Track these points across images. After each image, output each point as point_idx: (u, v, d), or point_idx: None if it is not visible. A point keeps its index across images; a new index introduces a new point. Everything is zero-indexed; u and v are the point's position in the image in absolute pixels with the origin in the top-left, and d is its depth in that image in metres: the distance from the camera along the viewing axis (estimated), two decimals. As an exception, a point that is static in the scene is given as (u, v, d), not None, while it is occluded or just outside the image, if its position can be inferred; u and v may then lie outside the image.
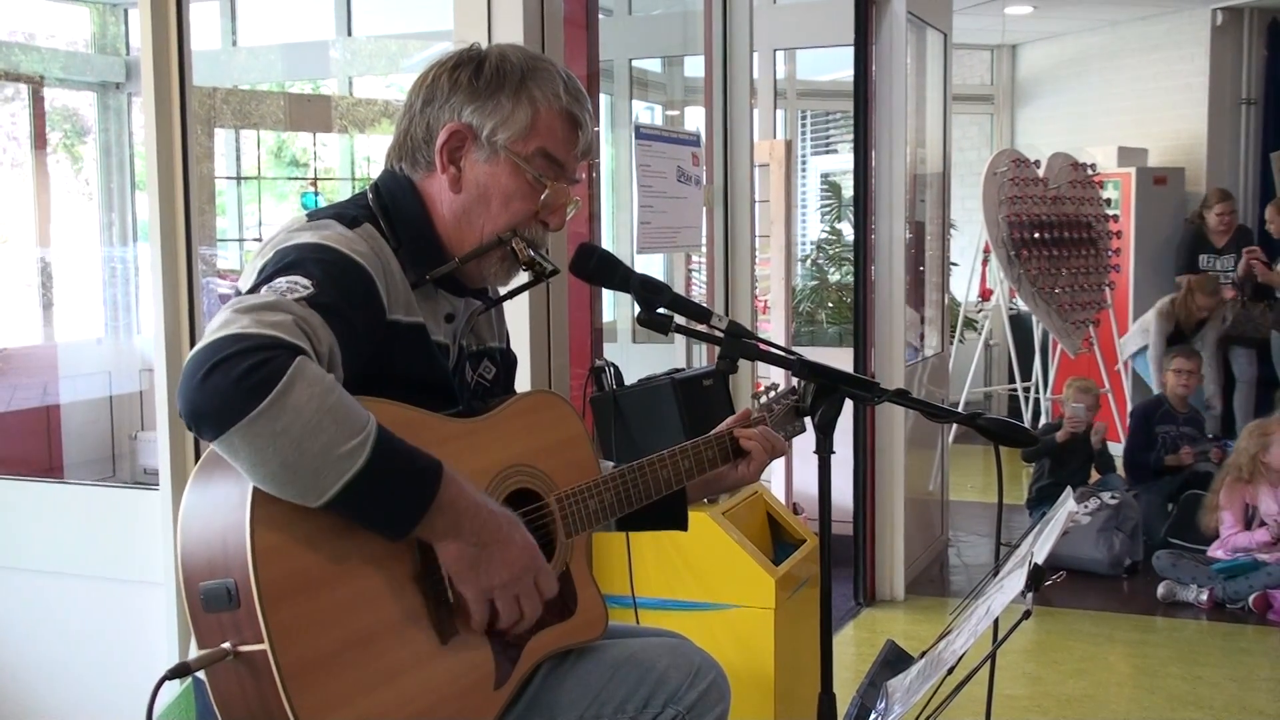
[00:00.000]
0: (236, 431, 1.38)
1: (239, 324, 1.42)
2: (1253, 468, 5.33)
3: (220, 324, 1.43)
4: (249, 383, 1.37)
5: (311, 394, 1.40)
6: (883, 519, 5.22)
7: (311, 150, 6.11)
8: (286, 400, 1.38)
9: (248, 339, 1.40)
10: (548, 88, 1.77)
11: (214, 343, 1.41)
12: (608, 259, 1.92)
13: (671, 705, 1.85)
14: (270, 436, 1.38)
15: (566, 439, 1.88)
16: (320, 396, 1.41)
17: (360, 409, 1.46)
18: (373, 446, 1.45)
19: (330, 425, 1.41)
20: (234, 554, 1.44)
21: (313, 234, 1.64)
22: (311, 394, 1.40)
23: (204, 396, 1.39)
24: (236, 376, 1.38)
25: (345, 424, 1.43)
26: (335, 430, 1.42)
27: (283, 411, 1.38)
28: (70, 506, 3.13)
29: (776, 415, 2.12)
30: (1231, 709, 4.00)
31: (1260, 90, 8.34)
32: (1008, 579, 1.75)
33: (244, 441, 1.39)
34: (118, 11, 6.52)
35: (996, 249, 7.22)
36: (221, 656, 1.44)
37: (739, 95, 4.33)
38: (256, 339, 1.41)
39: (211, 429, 1.40)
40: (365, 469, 1.44)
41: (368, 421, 1.46)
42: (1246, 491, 5.34)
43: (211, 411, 1.39)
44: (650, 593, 2.98)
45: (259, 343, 1.40)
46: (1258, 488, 5.33)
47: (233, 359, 1.38)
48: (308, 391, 1.40)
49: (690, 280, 5.01)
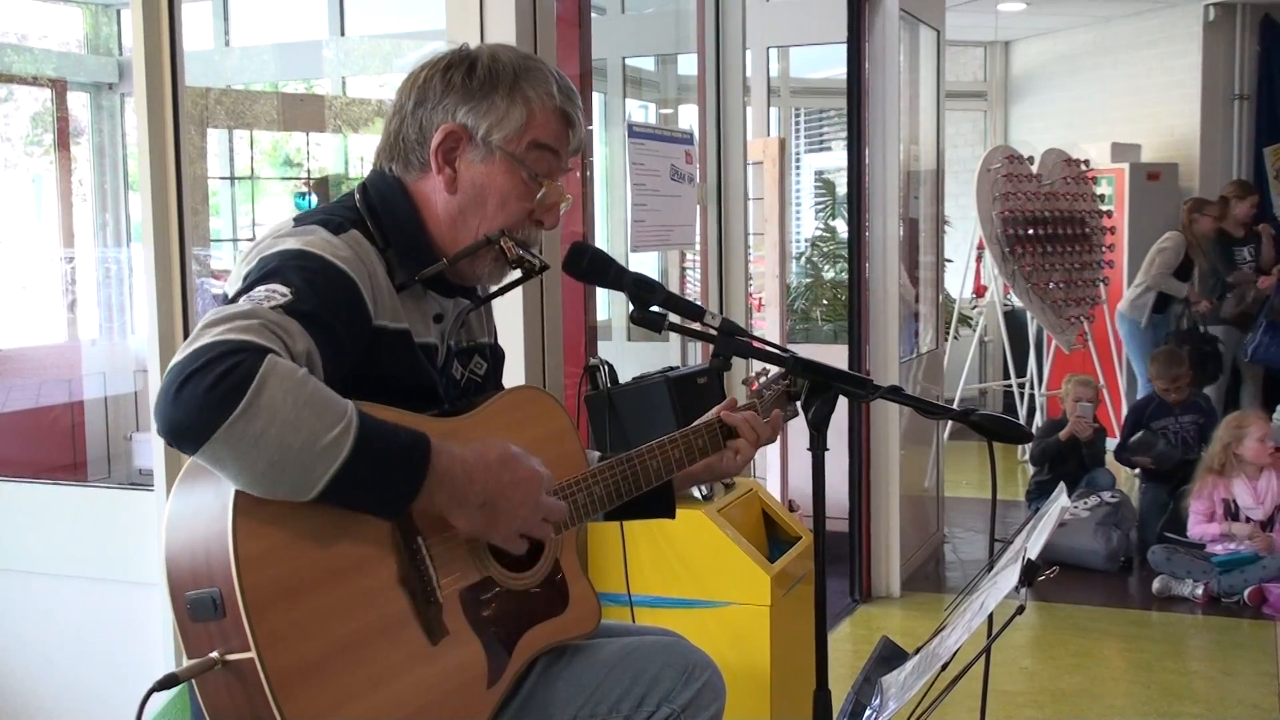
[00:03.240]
0: (217, 440, 1.37)
1: (208, 336, 1.42)
2: (1224, 459, 5.30)
3: (193, 339, 1.43)
4: (221, 389, 1.36)
5: (285, 389, 1.39)
6: (878, 515, 5.22)
7: (305, 150, 6.10)
8: (261, 400, 1.38)
9: (215, 347, 1.40)
10: (541, 87, 1.77)
11: (184, 358, 1.40)
12: (600, 258, 1.92)
13: (666, 703, 1.84)
14: (252, 439, 1.38)
15: (553, 433, 1.88)
16: (295, 390, 1.40)
17: (338, 398, 1.45)
18: (356, 432, 1.44)
19: (310, 418, 1.41)
20: (217, 563, 1.43)
21: (296, 240, 1.63)
22: (285, 389, 1.39)
23: (179, 411, 1.38)
24: (207, 385, 1.37)
25: (325, 414, 1.42)
26: (316, 422, 1.41)
27: (260, 412, 1.37)
28: (65, 507, 3.13)
29: (766, 401, 2.12)
30: (1227, 703, 4.01)
31: (1253, 85, 8.36)
32: (1002, 574, 1.76)
33: (226, 448, 1.38)
34: (110, 12, 6.51)
35: (990, 245, 7.23)
36: (210, 666, 1.44)
37: (732, 93, 4.33)
38: (223, 345, 1.40)
39: (191, 442, 1.39)
40: (352, 455, 1.43)
41: (347, 408, 1.45)
42: (1219, 484, 5.32)
43: (188, 425, 1.38)
44: (645, 590, 2.98)
45: (225, 349, 1.39)
46: (1231, 480, 5.30)
47: (202, 370, 1.38)
48: (281, 388, 1.39)
49: (684, 278, 5.02)
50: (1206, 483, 5.33)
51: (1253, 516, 5.24)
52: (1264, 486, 5.25)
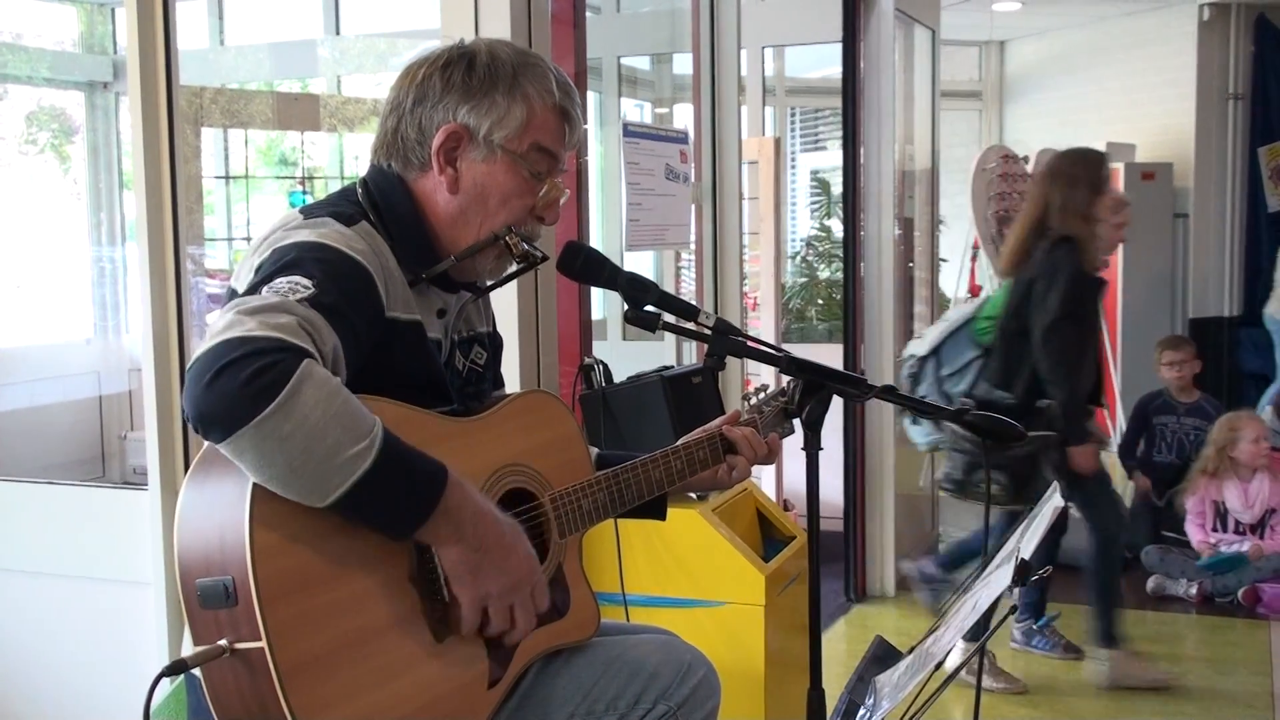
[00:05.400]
0: (244, 435, 1.38)
1: (244, 327, 1.42)
2: (1219, 461, 5.28)
3: (224, 326, 1.43)
4: (256, 386, 1.37)
5: (319, 397, 1.40)
6: (873, 515, 5.23)
7: (300, 149, 6.09)
8: (294, 403, 1.38)
9: (253, 342, 1.40)
10: (540, 84, 1.77)
11: (219, 345, 1.40)
12: (594, 257, 1.92)
13: (663, 702, 1.85)
14: (278, 440, 1.38)
15: (560, 438, 1.88)
16: (327, 400, 1.41)
17: (366, 412, 1.46)
18: (379, 450, 1.45)
19: (337, 429, 1.41)
20: (232, 551, 1.43)
21: (310, 232, 1.63)
22: (319, 397, 1.40)
23: (211, 400, 1.38)
24: (244, 380, 1.37)
25: (352, 428, 1.43)
26: (342, 434, 1.42)
27: (290, 415, 1.38)
28: (59, 507, 3.12)
29: (766, 418, 2.12)
30: (1220, 701, 4.02)
31: (1247, 85, 8.35)
32: (995, 574, 1.76)
33: (251, 444, 1.39)
34: (105, 11, 6.50)
35: (985, 245, 7.22)
36: (218, 654, 1.44)
37: (727, 92, 4.34)
38: (263, 341, 1.40)
39: (220, 432, 1.39)
40: (371, 472, 1.44)
41: (374, 425, 1.46)
42: (1211, 486, 5.31)
43: (219, 415, 1.38)
44: (640, 590, 2.98)
45: (265, 345, 1.40)
46: (1222, 483, 5.28)
47: (239, 362, 1.38)
48: (315, 395, 1.40)
49: (679, 278, 5.02)
50: (1199, 485, 5.33)
51: (1241, 520, 5.24)
52: (1255, 489, 5.24)
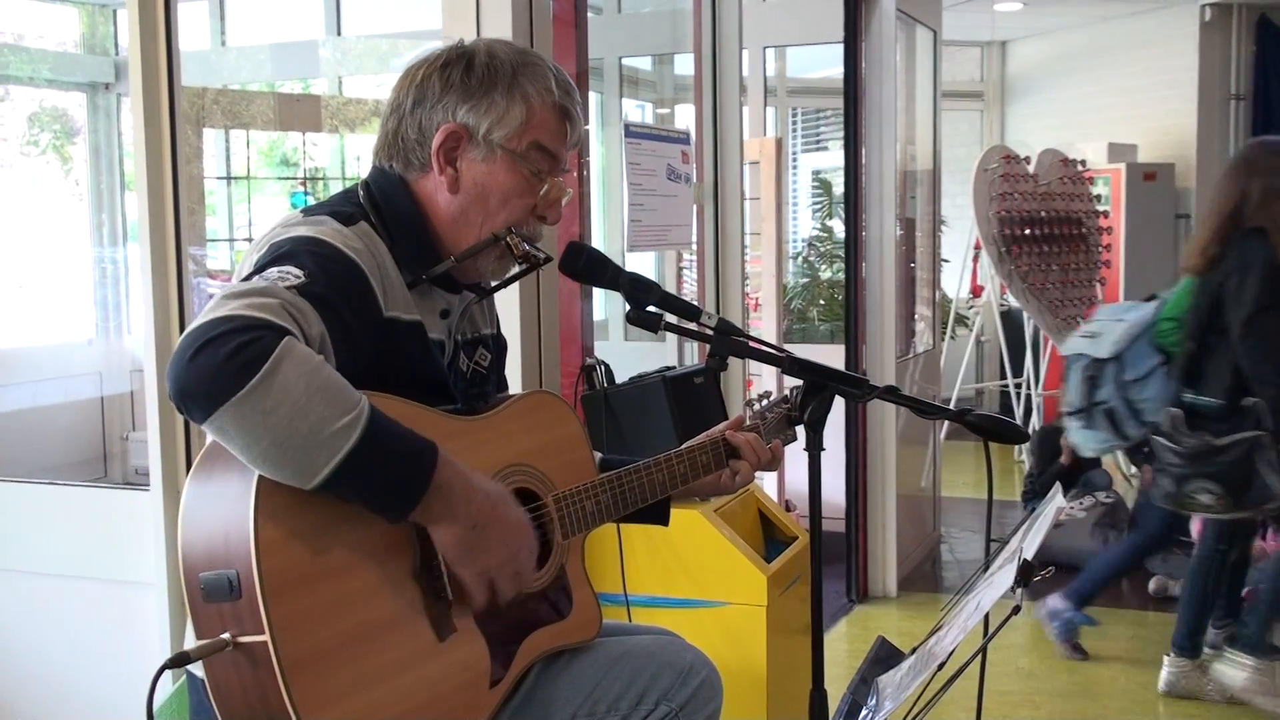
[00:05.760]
0: (225, 411, 1.38)
1: (227, 307, 1.43)
2: None
3: (209, 309, 1.44)
4: (237, 361, 1.38)
5: (300, 372, 1.40)
6: (875, 515, 5.22)
7: (301, 150, 6.10)
8: (275, 378, 1.38)
9: (235, 320, 1.41)
10: (540, 83, 1.77)
11: (202, 325, 1.42)
12: (596, 257, 1.92)
13: (664, 702, 1.85)
14: (260, 415, 1.38)
15: (565, 439, 1.88)
16: (309, 375, 1.41)
17: (351, 389, 1.46)
18: (364, 425, 1.44)
19: (320, 404, 1.41)
20: (236, 545, 1.44)
21: (308, 228, 1.64)
22: (300, 372, 1.40)
23: (191, 376, 1.39)
24: (224, 356, 1.38)
25: (335, 403, 1.43)
26: (325, 409, 1.42)
27: (271, 390, 1.38)
28: (61, 507, 3.12)
29: (769, 424, 2.12)
30: (1222, 702, 4.01)
31: (1249, 86, 8.35)
32: (998, 574, 1.76)
33: (233, 421, 1.39)
34: (107, 12, 6.51)
35: (987, 245, 7.23)
36: (221, 647, 1.45)
37: (729, 93, 4.33)
38: (244, 319, 1.41)
39: (200, 409, 1.40)
40: (357, 448, 1.43)
41: (359, 401, 1.46)
42: None
43: (200, 391, 1.39)
44: (642, 590, 2.98)
45: (247, 323, 1.41)
46: None
47: (220, 339, 1.39)
48: (296, 370, 1.40)
49: (681, 278, 5.02)
50: None
51: None
52: None
